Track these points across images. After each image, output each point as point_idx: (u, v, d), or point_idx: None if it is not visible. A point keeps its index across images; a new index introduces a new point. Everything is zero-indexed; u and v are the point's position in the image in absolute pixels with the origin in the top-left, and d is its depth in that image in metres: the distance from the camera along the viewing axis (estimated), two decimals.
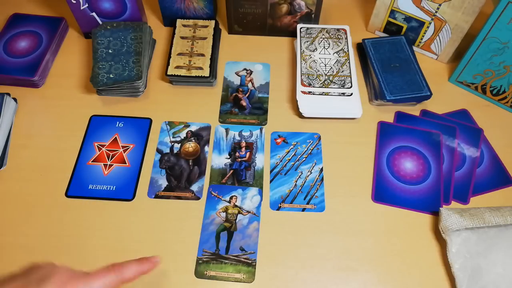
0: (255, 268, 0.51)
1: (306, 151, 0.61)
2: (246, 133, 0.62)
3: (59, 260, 0.51)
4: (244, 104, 0.65)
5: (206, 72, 0.65)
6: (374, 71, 0.65)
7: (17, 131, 0.62)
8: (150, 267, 0.43)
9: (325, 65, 0.65)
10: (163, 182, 0.58)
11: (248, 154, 0.60)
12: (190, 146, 0.61)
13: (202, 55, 0.67)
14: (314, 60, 0.66)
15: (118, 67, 0.64)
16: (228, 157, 0.60)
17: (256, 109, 0.65)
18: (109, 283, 0.40)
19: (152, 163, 0.59)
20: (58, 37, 0.72)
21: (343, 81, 0.63)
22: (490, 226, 0.51)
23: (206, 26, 0.71)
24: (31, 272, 0.40)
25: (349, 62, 0.65)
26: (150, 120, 0.63)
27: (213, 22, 0.71)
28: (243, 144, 0.61)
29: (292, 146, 0.61)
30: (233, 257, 0.52)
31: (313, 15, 0.71)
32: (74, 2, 0.66)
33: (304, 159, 0.60)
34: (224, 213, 0.55)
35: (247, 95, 0.66)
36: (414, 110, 0.65)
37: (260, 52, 0.72)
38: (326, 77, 0.64)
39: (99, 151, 0.60)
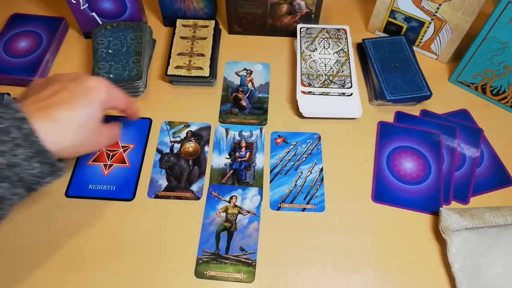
0: (255, 268, 0.51)
1: (306, 151, 0.61)
2: (246, 133, 0.62)
3: (59, 260, 0.51)
4: (244, 104, 0.65)
5: (206, 72, 0.65)
6: (374, 71, 0.65)
7: None
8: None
9: (325, 65, 0.65)
10: (163, 182, 0.58)
11: (248, 154, 0.60)
12: (190, 146, 0.61)
13: (202, 55, 0.67)
14: (314, 60, 0.66)
15: (118, 67, 0.64)
16: (228, 157, 0.60)
17: (256, 109, 0.65)
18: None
19: (152, 163, 0.59)
20: (58, 37, 0.72)
21: (343, 81, 0.63)
22: (490, 226, 0.51)
23: (206, 26, 0.71)
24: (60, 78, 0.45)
25: (349, 62, 0.66)
26: (150, 120, 0.63)
27: (213, 22, 0.71)
28: (243, 144, 0.61)
29: (292, 146, 0.61)
30: (233, 257, 0.52)
31: (313, 15, 0.71)
32: (74, 2, 0.66)
33: (304, 159, 0.60)
34: (224, 213, 0.55)
35: (247, 95, 0.66)
36: (414, 110, 0.65)
37: (260, 52, 0.72)
38: (326, 77, 0.64)
39: (99, 151, 0.60)
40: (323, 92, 0.63)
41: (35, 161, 0.38)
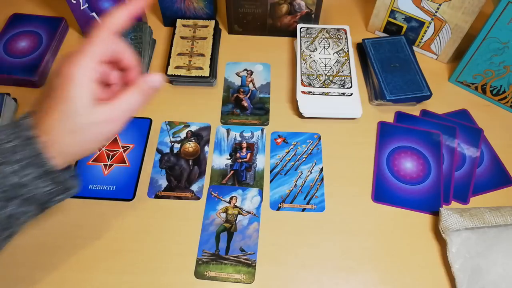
0: (255, 269, 0.51)
1: (306, 151, 0.61)
2: (247, 134, 0.62)
3: (59, 260, 0.51)
4: (246, 104, 0.65)
5: (206, 72, 0.65)
6: (374, 71, 0.65)
7: None
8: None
9: (325, 65, 0.65)
10: (163, 182, 0.58)
11: (249, 155, 0.60)
12: (190, 146, 0.61)
13: (202, 55, 0.67)
14: (314, 60, 0.66)
15: None
16: (229, 157, 0.60)
17: (257, 110, 0.65)
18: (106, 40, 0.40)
19: (152, 163, 0.59)
20: (58, 37, 0.72)
21: (343, 81, 0.63)
22: (490, 226, 0.51)
23: (206, 26, 0.71)
24: None
25: (349, 62, 0.65)
26: (150, 120, 0.63)
27: (213, 22, 0.71)
28: (244, 145, 0.61)
29: (292, 146, 0.61)
30: (233, 258, 0.52)
31: (313, 15, 0.71)
32: (74, 2, 0.66)
33: (304, 159, 0.60)
34: (224, 213, 0.55)
35: (248, 95, 0.66)
36: (414, 110, 0.65)
37: (260, 52, 0.72)
38: (326, 77, 0.64)
39: (99, 151, 0.60)
40: (323, 92, 0.63)
41: (44, 180, 0.37)
